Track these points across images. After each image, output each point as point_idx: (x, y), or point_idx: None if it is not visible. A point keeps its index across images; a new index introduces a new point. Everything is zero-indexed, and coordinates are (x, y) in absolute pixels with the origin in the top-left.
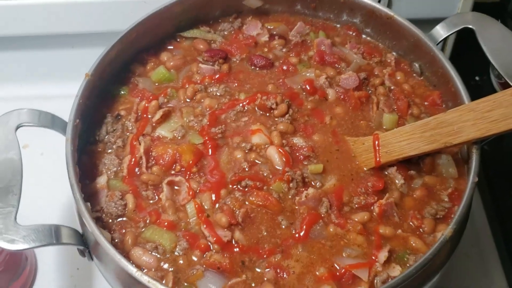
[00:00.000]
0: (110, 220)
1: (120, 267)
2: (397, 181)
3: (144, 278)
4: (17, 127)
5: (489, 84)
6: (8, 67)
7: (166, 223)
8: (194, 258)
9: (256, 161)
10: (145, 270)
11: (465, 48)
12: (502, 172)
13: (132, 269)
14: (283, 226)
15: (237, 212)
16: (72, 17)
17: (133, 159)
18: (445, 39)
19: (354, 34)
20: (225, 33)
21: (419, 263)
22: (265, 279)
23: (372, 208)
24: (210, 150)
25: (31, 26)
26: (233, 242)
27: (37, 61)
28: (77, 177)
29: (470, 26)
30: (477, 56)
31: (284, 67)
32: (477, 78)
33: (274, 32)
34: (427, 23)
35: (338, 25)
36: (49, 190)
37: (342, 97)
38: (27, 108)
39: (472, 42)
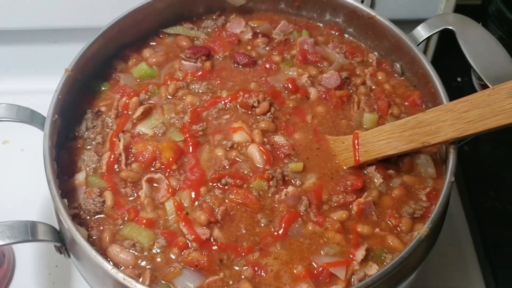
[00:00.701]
0: (88, 217)
1: (96, 264)
2: (376, 180)
3: (120, 276)
4: None
5: (470, 85)
6: None
7: (144, 221)
8: (172, 256)
9: (237, 159)
10: (122, 268)
11: (447, 49)
12: (480, 173)
13: (108, 266)
14: (262, 224)
15: (216, 210)
16: (55, 12)
17: (113, 156)
18: (428, 40)
19: (337, 33)
20: (209, 30)
21: (395, 262)
22: (243, 277)
23: (350, 206)
24: (190, 148)
25: (13, 21)
26: (212, 240)
27: (19, 56)
28: (54, 173)
29: (451, 28)
30: (459, 58)
31: (267, 66)
32: (459, 79)
33: (258, 30)
34: (410, 24)
35: (321, 25)
36: (29, 186)
37: (323, 96)
38: (5, 103)
39: (454, 43)
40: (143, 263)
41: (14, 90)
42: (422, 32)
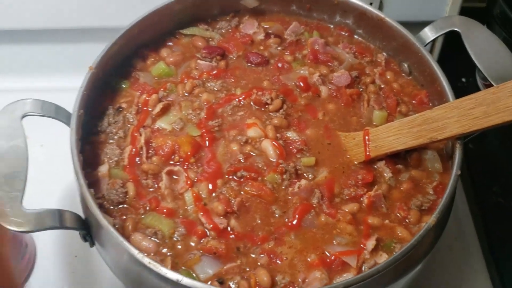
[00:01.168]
0: (111, 207)
1: (122, 249)
2: (385, 174)
3: (146, 260)
4: (23, 116)
5: (474, 86)
6: (14, 60)
7: (165, 210)
8: (192, 244)
9: (251, 153)
10: (145, 254)
11: (452, 51)
12: (485, 169)
13: (134, 251)
14: (277, 215)
15: (232, 201)
16: (76, 12)
17: (134, 149)
18: (434, 42)
19: (346, 34)
20: (223, 31)
21: (404, 249)
22: (259, 264)
23: (361, 199)
24: (207, 142)
25: (36, 21)
26: (229, 229)
27: (40, 54)
28: (81, 164)
29: (456, 29)
30: (463, 59)
31: (279, 65)
32: (463, 79)
33: (270, 31)
34: (416, 26)
35: (332, 26)
36: (48, 179)
37: (334, 94)
38: (31, 98)
39: (459, 45)
40: (164, 250)
41: (36, 87)
42: (429, 33)
